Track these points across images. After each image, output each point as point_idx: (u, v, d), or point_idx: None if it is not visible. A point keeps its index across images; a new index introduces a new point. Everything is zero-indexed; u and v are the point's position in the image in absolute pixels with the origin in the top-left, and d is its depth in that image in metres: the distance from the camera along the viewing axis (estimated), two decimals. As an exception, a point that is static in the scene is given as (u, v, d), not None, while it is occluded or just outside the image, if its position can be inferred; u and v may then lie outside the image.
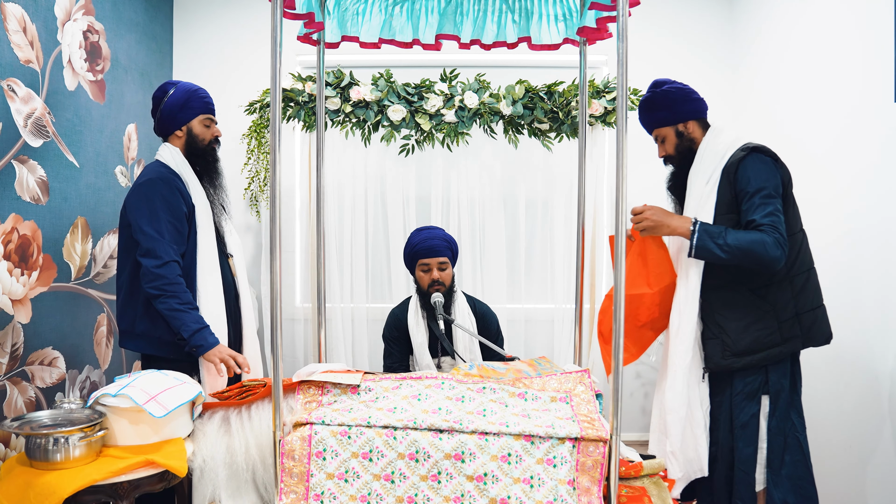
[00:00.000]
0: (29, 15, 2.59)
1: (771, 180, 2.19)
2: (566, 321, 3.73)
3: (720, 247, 2.16)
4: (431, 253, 2.83)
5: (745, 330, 2.23)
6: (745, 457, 2.23)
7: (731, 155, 2.27)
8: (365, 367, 3.72)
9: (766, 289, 2.24)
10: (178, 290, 2.30)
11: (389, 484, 1.90)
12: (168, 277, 2.29)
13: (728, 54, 3.93)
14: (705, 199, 2.28)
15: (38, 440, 1.84)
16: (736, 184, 2.23)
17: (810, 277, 2.27)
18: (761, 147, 2.26)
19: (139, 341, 2.41)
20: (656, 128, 2.44)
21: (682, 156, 2.41)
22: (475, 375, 2.22)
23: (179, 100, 2.47)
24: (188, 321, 2.29)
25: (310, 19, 2.31)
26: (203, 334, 2.30)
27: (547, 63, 3.82)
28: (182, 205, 2.38)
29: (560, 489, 1.87)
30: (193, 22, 3.96)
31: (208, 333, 2.32)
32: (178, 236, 2.36)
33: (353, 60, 3.74)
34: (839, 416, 2.81)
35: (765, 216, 2.16)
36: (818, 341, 2.27)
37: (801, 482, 2.23)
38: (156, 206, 2.33)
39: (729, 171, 2.25)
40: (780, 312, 2.22)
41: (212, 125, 2.54)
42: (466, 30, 2.59)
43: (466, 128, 3.50)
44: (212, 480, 1.99)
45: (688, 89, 2.41)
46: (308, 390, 2.13)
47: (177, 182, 2.41)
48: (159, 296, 2.29)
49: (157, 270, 2.28)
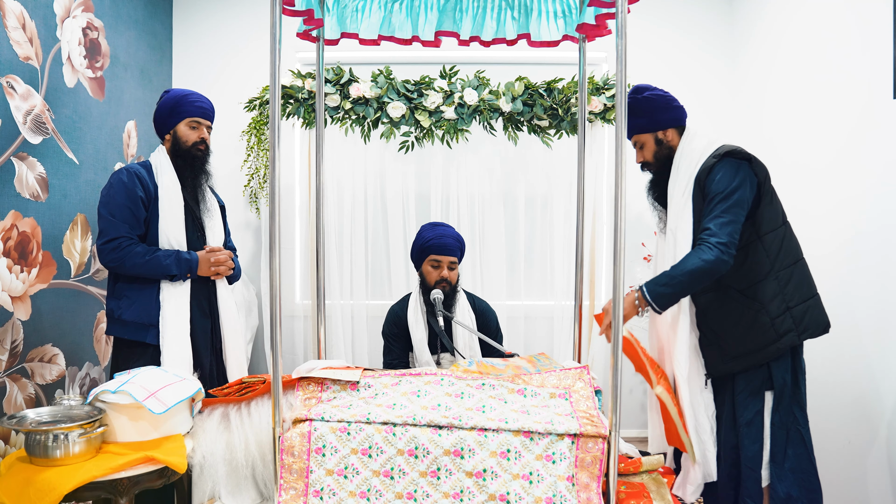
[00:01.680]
0: (28, 12, 2.58)
1: (733, 184, 2.18)
2: (565, 318, 3.73)
3: (670, 285, 2.17)
4: (444, 251, 2.84)
5: (739, 332, 2.23)
6: (752, 454, 2.22)
7: (703, 162, 2.27)
8: (364, 364, 3.72)
9: (753, 287, 2.24)
10: (132, 248, 2.39)
11: (389, 480, 1.90)
12: (119, 246, 2.37)
13: (727, 45, 3.93)
14: (682, 209, 2.29)
15: (38, 437, 1.84)
16: (705, 191, 2.24)
17: (796, 270, 2.26)
18: (734, 151, 2.25)
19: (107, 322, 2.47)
20: (636, 134, 2.43)
21: (660, 163, 2.41)
22: (474, 372, 2.22)
23: (168, 104, 2.54)
24: (163, 261, 2.40)
25: (309, 16, 2.31)
26: (180, 258, 2.43)
27: (546, 60, 3.82)
28: (140, 190, 2.43)
29: (559, 485, 1.87)
30: (193, 19, 3.96)
31: (183, 254, 2.45)
32: (132, 219, 2.42)
33: (352, 57, 3.74)
34: (840, 408, 2.82)
35: (711, 221, 2.17)
36: (815, 332, 2.26)
37: (804, 475, 2.23)
38: (114, 192, 2.42)
39: (700, 179, 2.26)
40: (771, 308, 2.22)
41: (199, 128, 2.56)
42: (466, 26, 2.59)
43: (466, 125, 3.49)
44: (211, 477, 1.99)
45: (668, 97, 2.39)
46: (307, 387, 2.14)
47: (141, 171, 2.47)
48: (121, 263, 2.38)
49: (105, 246, 2.39)
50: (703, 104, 3.90)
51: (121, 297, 2.43)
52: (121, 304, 2.42)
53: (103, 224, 2.41)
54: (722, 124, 3.90)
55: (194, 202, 2.57)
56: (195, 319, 2.48)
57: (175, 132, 2.54)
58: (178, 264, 2.42)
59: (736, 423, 2.25)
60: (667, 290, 2.18)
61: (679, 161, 2.33)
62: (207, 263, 2.50)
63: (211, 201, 2.63)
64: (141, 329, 2.41)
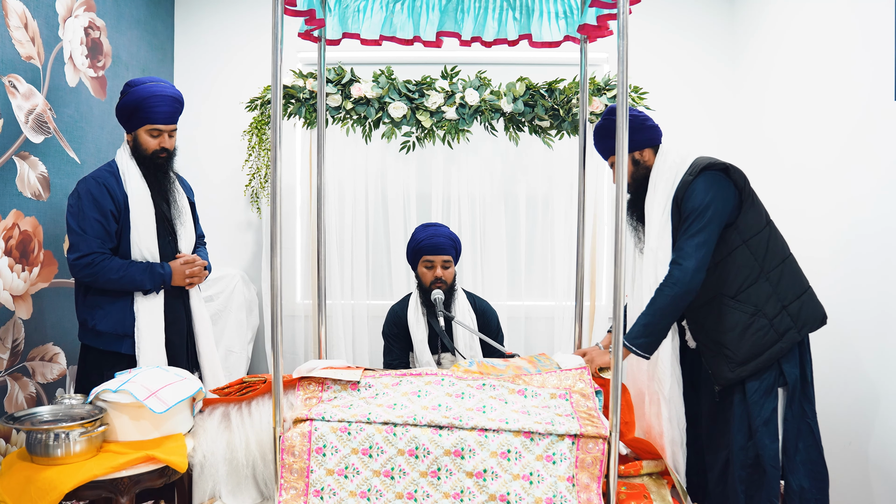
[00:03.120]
0: (30, 11, 2.59)
1: (706, 199, 2.21)
2: (566, 318, 3.73)
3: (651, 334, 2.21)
4: (436, 251, 2.84)
5: (740, 338, 2.23)
6: (774, 453, 2.20)
7: (679, 180, 2.29)
8: (365, 364, 3.72)
9: (745, 292, 2.25)
10: (105, 264, 2.35)
11: (389, 480, 1.90)
12: (92, 262, 2.34)
13: (728, 46, 3.92)
14: (662, 229, 2.30)
15: (39, 436, 1.84)
16: (682, 208, 2.26)
17: (786, 267, 2.28)
18: (709, 164, 2.27)
19: (79, 330, 2.47)
20: (612, 154, 2.43)
21: (637, 183, 2.41)
22: (475, 372, 2.22)
23: (128, 107, 2.42)
24: (136, 277, 2.37)
25: (311, 16, 2.31)
26: (154, 272, 2.40)
27: (548, 60, 3.81)
28: (109, 203, 2.39)
29: (559, 486, 1.87)
30: (194, 18, 3.96)
31: (157, 267, 2.42)
32: (104, 233, 2.39)
33: (353, 57, 3.73)
34: (841, 408, 2.82)
35: (686, 240, 2.21)
36: (813, 326, 2.27)
37: (813, 466, 2.24)
38: (83, 204, 2.38)
39: (678, 199, 2.28)
40: (767, 309, 2.23)
41: (160, 135, 2.45)
42: (467, 27, 2.59)
43: (467, 125, 3.49)
44: (212, 476, 1.99)
45: (643, 116, 2.40)
46: (308, 387, 2.14)
47: (110, 181, 2.41)
48: (94, 279, 2.36)
49: (78, 262, 2.35)
50: (705, 105, 3.90)
51: (93, 308, 2.40)
52: (94, 314, 2.40)
53: (74, 238, 2.37)
54: (723, 125, 3.90)
55: (165, 206, 2.52)
56: (169, 328, 2.47)
57: (136, 136, 2.46)
58: (151, 279, 2.40)
59: (751, 426, 2.23)
60: (649, 340, 2.23)
61: (655, 180, 2.34)
62: (182, 275, 2.48)
63: (181, 201, 2.57)
64: (115, 340, 2.40)
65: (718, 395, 2.31)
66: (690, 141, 3.80)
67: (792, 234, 3.11)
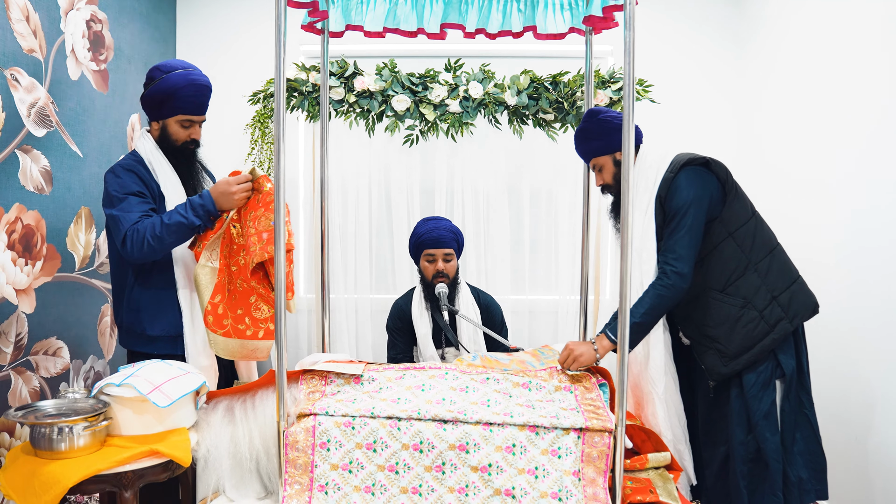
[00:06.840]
0: (32, 4, 2.57)
1: (689, 196, 2.20)
2: (570, 312, 3.72)
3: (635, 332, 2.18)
4: (437, 244, 2.82)
5: (731, 331, 2.22)
6: (775, 445, 2.20)
7: (661, 179, 2.28)
8: (368, 359, 3.72)
9: (733, 285, 2.24)
10: (147, 223, 2.18)
11: (394, 475, 1.90)
12: (139, 228, 2.17)
13: (735, 38, 3.88)
14: (645, 229, 2.29)
15: (43, 430, 1.84)
16: (665, 206, 2.26)
17: (774, 258, 2.27)
18: (690, 160, 2.26)
19: (123, 335, 2.38)
20: (593, 157, 2.43)
21: (619, 184, 2.39)
22: (479, 366, 2.22)
23: (159, 94, 2.29)
24: (182, 216, 2.18)
25: (314, 8, 2.30)
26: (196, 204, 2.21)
27: (552, 53, 3.79)
28: (146, 189, 2.29)
29: (565, 480, 1.86)
30: (197, 11, 3.94)
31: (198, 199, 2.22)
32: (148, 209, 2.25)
33: (357, 50, 3.72)
34: (842, 408, 2.81)
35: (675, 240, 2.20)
36: (805, 315, 2.26)
37: (812, 456, 2.24)
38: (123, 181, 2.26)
39: (661, 197, 2.27)
40: (756, 301, 2.22)
41: (192, 126, 2.36)
42: (471, 19, 2.57)
43: (471, 118, 3.48)
44: (216, 470, 1.99)
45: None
46: (311, 380, 2.13)
47: (139, 169, 2.30)
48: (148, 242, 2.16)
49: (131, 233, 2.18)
50: (711, 99, 3.87)
51: (138, 310, 2.27)
52: (140, 317, 2.27)
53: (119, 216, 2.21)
54: (731, 118, 3.88)
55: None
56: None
57: (164, 125, 2.35)
58: (193, 211, 2.19)
59: (750, 420, 2.22)
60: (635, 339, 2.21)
61: (637, 180, 2.33)
62: (227, 194, 2.21)
63: None
64: (170, 342, 2.30)
65: (713, 391, 2.30)
66: (695, 134, 3.78)
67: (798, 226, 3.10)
